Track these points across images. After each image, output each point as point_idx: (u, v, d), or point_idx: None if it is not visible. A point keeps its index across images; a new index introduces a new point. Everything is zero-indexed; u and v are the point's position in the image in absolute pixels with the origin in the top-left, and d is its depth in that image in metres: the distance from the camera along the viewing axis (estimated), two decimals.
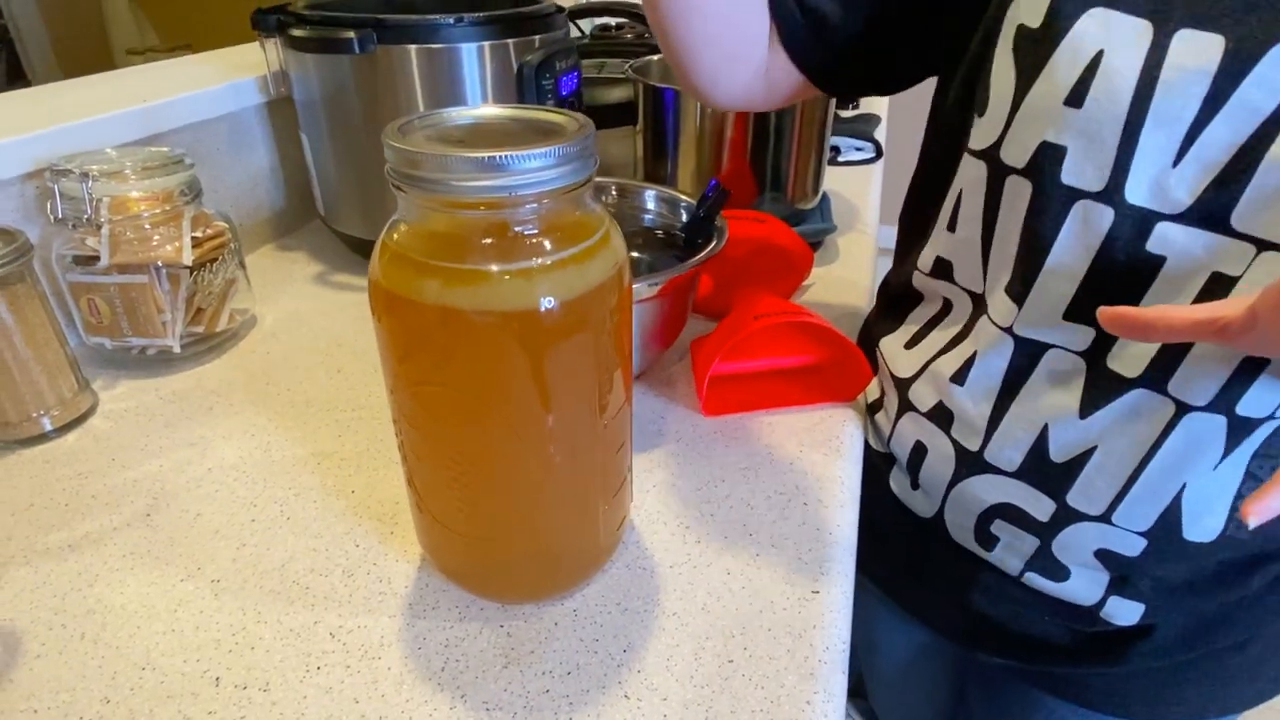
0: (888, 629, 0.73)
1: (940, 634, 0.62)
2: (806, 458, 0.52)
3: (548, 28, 0.72)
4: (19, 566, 0.42)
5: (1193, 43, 0.35)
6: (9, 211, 0.57)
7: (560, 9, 0.76)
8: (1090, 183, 0.38)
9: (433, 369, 0.34)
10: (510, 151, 0.29)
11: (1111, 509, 0.44)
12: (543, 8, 0.72)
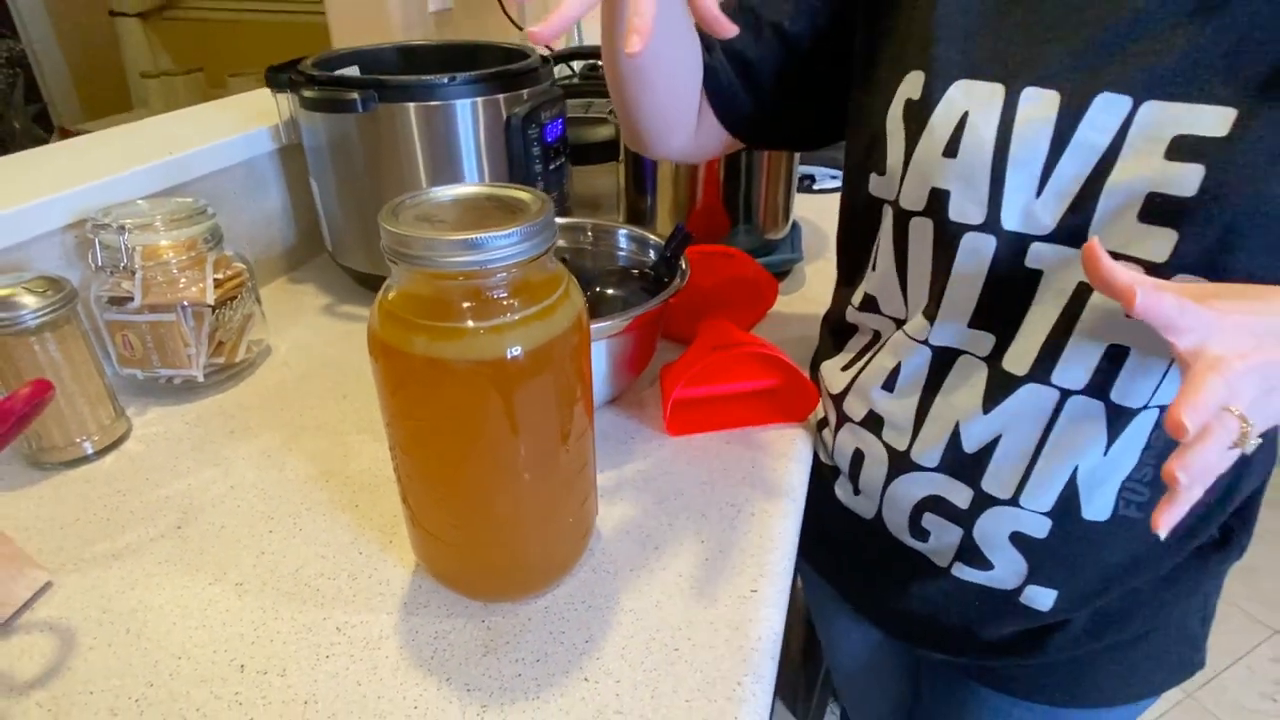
0: (846, 629, 0.78)
1: (888, 633, 0.67)
2: (757, 473, 0.58)
3: (534, 81, 0.78)
4: (70, 573, 0.49)
5: (1036, 98, 0.43)
6: (53, 258, 0.64)
7: (546, 60, 0.83)
8: (973, 217, 0.45)
9: (420, 406, 0.40)
10: (482, 234, 0.35)
11: (1018, 492, 0.50)
12: (530, 63, 0.78)
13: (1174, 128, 0.40)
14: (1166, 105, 0.40)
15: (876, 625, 0.68)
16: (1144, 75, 0.41)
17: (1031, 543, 0.51)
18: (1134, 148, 0.41)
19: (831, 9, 0.56)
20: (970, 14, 0.47)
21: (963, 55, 0.46)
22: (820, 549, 0.69)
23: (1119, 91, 0.41)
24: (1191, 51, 0.40)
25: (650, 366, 0.68)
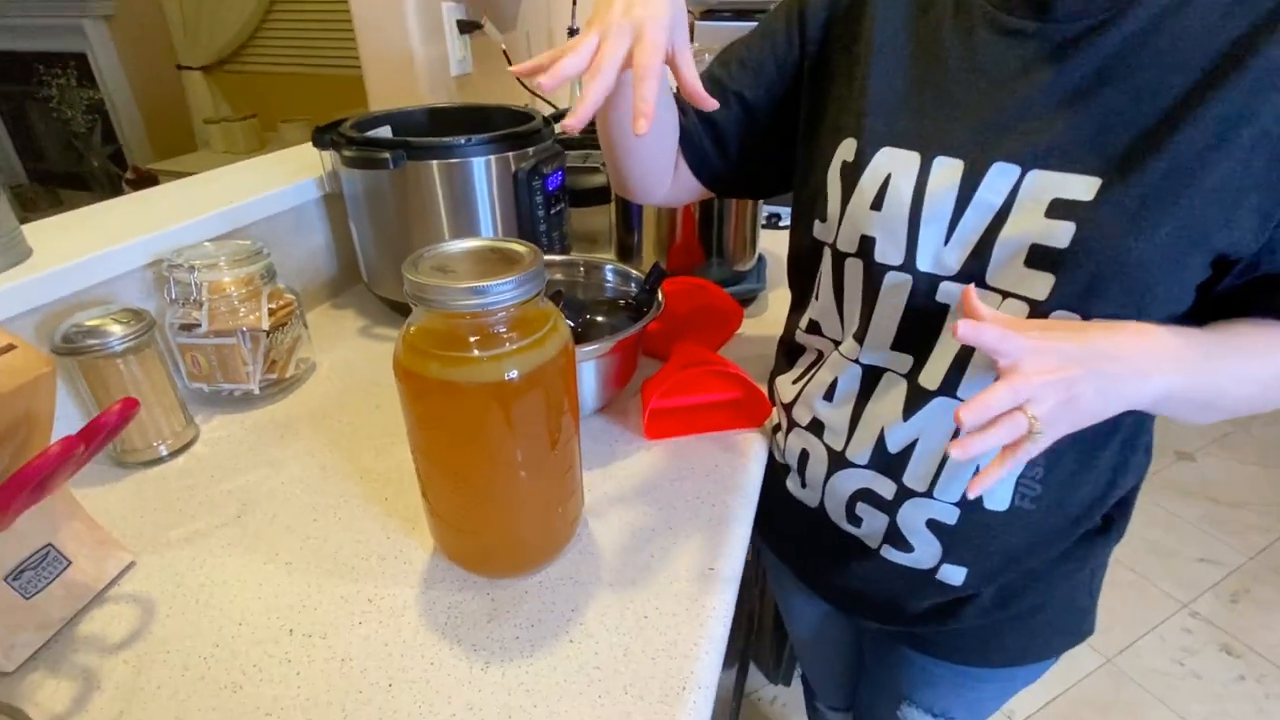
0: (799, 602, 0.81)
1: (833, 605, 0.70)
2: (720, 470, 0.61)
3: (538, 140, 0.82)
4: (150, 555, 0.52)
5: (944, 165, 0.47)
6: (135, 292, 0.67)
7: (548, 121, 0.87)
8: (894, 259, 0.49)
9: (436, 419, 0.44)
10: (485, 282, 0.39)
11: (932, 486, 0.53)
12: (534, 125, 0.82)
13: (1052, 192, 0.43)
14: (1047, 174, 0.44)
15: (824, 599, 0.71)
16: (1030, 149, 0.44)
17: (944, 528, 0.54)
18: (1021, 207, 0.44)
19: (784, 83, 0.59)
20: (894, 94, 0.50)
21: (888, 127, 0.50)
22: (776, 534, 0.72)
23: (1010, 162, 0.45)
24: (1066, 131, 0.44)
25: (633, 381, 0.71)
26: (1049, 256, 0.43)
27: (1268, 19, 0.40)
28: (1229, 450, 2.11)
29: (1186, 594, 1.63)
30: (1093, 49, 0.43)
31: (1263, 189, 0.41)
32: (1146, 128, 0.42)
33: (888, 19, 0.52)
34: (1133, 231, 0.41)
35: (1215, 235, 0.42)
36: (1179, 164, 0.41)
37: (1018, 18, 0.46)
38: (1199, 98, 0.40)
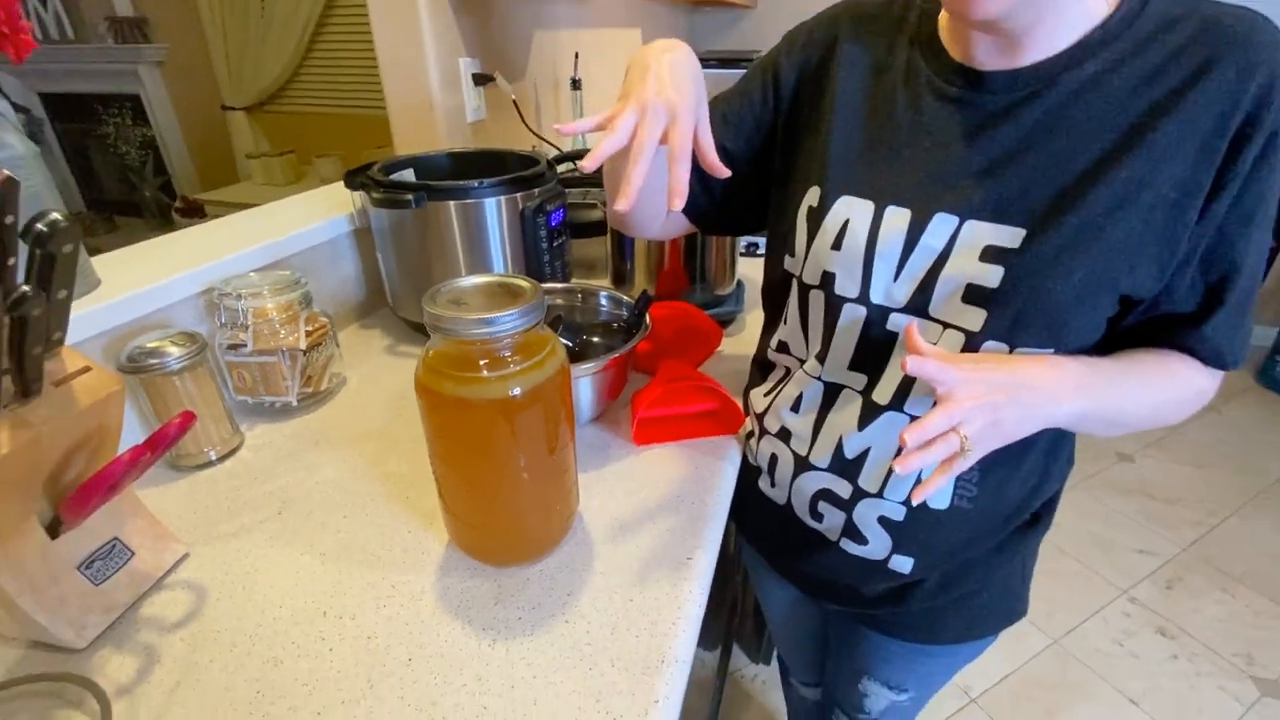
0: (772, 586, 0.83)
1: (801, 590, 0.72)
2: (699, 472, 0.63)
3: (542, 181, 0.85)
4: (202, 547, 0.54)
5: (894, 214, 0.49)
6: (189, 316, 0.70)
7: (552, 164, 0.90)
8: (851, 292, 0.51)
9: (450, 430, 0.46)
10: (493, 314, 0.42)
11: (883, 487, 0.55)
12: (539, 169, 0.85)
13: (985, 240, 0.46)
14: (981, 224, 0.46)
15: (794, 585, 0.73)
16: (967, 202, 0.47)
17: (893, 524, 0.56)
18: (959, 252, 0.47)
19: (761, 136, 0.61)
20: (852, 149, 0.53)
21: (846, 178, 0.53)
22: (751, 527, 0.74)
23: (950, 212, 0.47)
24: (997, 188, 0.46)
25: (624, 394, 0.73)
26: (982, 294, 0.46)
27: (1164, 101, 0.42)
28: (1165, 452, 2.13)
29: (1126, 581, 1.65)
30: (1019, 118, 0.46)
31: (1160, 243, 0.44)
32: (1064, 187, 0.44)
33: (848, 82, 0.54)
34: (1052, 276, 0.44)
35: (1121, 280, 0.44)
36: (1090, 220, 0.43)
37: (957, 88, 0.49)
38: (1107, 164, 0.43)
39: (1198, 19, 0.43)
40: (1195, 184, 0.43)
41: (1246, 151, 0.42)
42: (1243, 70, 0.41)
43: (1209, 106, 0.42)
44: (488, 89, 1.19)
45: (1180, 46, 0.43)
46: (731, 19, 2.85)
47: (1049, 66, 0.45)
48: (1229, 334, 0.47)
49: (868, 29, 0.55)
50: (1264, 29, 0.42)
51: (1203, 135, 0.42)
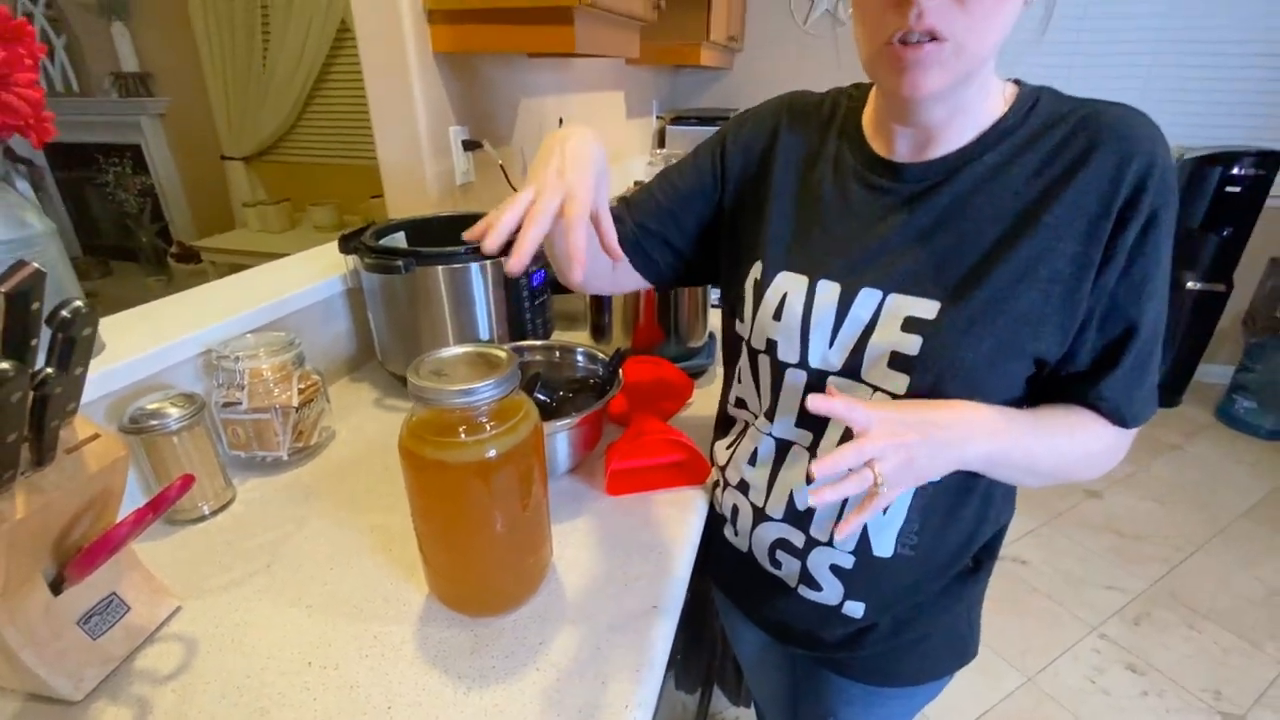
0: (743, 631, 0.85)
1: (769, 634, 0.75)
2: (667, 522, 0.66)
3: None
4: (194, 600, 0.56)
5: (826, 288, 0.54)
6: (188, 376, 0.73)
7: None
8: (792, 358, 0.56)
9: (430, 489, 0.49)
10: (470, 385, 0.46)
11: (832, 537, 0.58)
12: None
13: (905, 311, 0.51)
14: (902, 297, 0.51)
15: (761, 629, 0.75)
16: (889, 278, 0.52)
17: (843, 571, 0.60)
18: (884, 322, 0.52)
19: (709, 207, 0.65)
20: (788, 230, 0.59)
21: (784, 256, 0.58)
22: (720, 573, 0.77)
23: (875, 287, 0.53)
24: (914, 265, 0.52)
25: (599, 445, 0.77)
26: (904, 360, 0.51)
27: (1053, 187, 0.49)
28: (1132, 489, 2.18)
29: (1096, 618, 1.67)
30: (932, 203, 0.52)
31: (1060, 312, 0.49)
32: (972, 265, 0.50)
33: (785, 170, 0.60)
34: (964, 344, 0.49)
35: (1028, 346, 0.50)
36: (996, 294, 0.49)
37: (878, 177, 0.55)
38: (1007, 244, 0.49)
39: (1080, 115, 0.49)
40: (1087, 259, 0.48)
41: (1129, 229, 0.47)
42: (1120, 159, 0.47)
43: (1092, 191, 0.47)
44: (476, 153, 1.26)
45: (1065, 139, 0.49)
46: (709, 79, 2.99)
47: (955, 159, 0.52)
48: (1128, 394, 0.52)
49: (803, 123, 0.61)
50: (1138, 123, 0.48)
51: (1089, 216, 0.48)
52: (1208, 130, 2.55)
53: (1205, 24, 2.43)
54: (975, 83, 0.49)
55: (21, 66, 0.57)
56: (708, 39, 2.06)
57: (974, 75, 0.48)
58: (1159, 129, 0.49)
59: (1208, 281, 2.50)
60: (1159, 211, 0.47)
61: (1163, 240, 0.48)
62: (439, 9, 1.06)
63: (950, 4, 0.43)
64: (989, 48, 0.46)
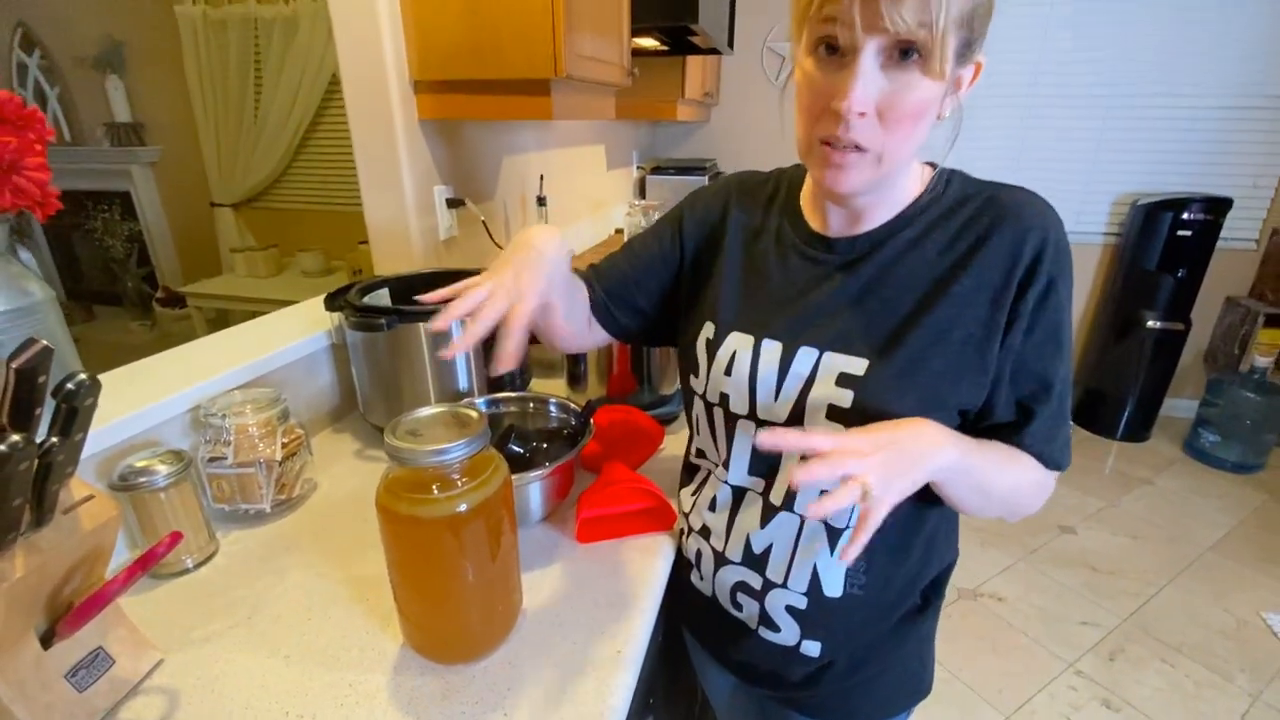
0: (713, 674, 0.87)
1: (737, 676, 0.78)
2: (634, 569, 0.70)
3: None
4: (176, 652, 0.58)
5: (770, 347, 0.59)
6: (176, 433, 0.76)
7: None
8: (742, 410, 0.61)
9: (404, 542, 0.53)
10: (443, 445, 0.50)
11: (786, 578, 0.62)
12: None
13: (839, 368, 0.56)
14: (836, 355, 0.57)
15: (730, 671, 0.78)
16: (824, 338, 0.58)
17: (799, 612, 0.63)
18: (820, 378, 0.57)
19: (670, 274, 0.71)
20: (736, 295, 0.64)
21: (733, 318, 0.64)
22: (689, 616, 0.80)
23: (812, 346, 0.58)
24: (846, 327, 0.57)
25: (572, 493, 0.81)
26: (839, 412, 0.56)
27: (960, 260, 0.55)
28: (1104, 524, 2.23)
29: (1071, 654, 1.70)
30: (860, 273, 0.58)
31: (975, 370, 0.55)
32: (894, 327, 0.55)
33: (734, 242, 0.67)
34: (890, 398, 0.54)
35: (948, 399, 0.55)
36: (914, 354, 0.54)
37: (813, 249, 0.61)
38: (923, 309, 0.55)
39: (983, 197, 0.56)
40: (994, 323, 0.54)
41: (1029, 296, 0.53)
42: (1017, 237, 0.53)
43: (994, 265, 0.54)
44: (460, 209, 1.32)
45: (971, 218, 0.56)
46: (688, 130, 3.13)
47: (878, 234, 0.58)
48: (1046, 441, 0.58)
49: (750, 200, 0.68)
50: (1032, 205, 0.55)
51: (993, 286, 0.54)
52: (1158, 178, 2.70)
53: (1151, 82, 2.60)
54: (892, 176, 0.56)
55: (32, 151, 0.62)
56: (683, 96, 2.17)
57: (892, 176, 0.54)
58: (1052, 209, 0.55)
59: (1167, 320, 2.61)
60: (1055, 280, 0.53)
61: (1062, 304, 0.54)
62: (424, 80, 1.14)
63: (874, 124, 0.50)
64: (905, 157, 0.53)
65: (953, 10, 0.45)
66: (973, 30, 0.49)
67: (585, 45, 1.13)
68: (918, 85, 0.48)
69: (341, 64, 1.11)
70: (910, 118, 0.49)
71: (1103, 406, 2.80)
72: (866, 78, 0.48)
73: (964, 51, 0.49)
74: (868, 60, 0.47)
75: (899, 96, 0.48)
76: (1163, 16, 2.52)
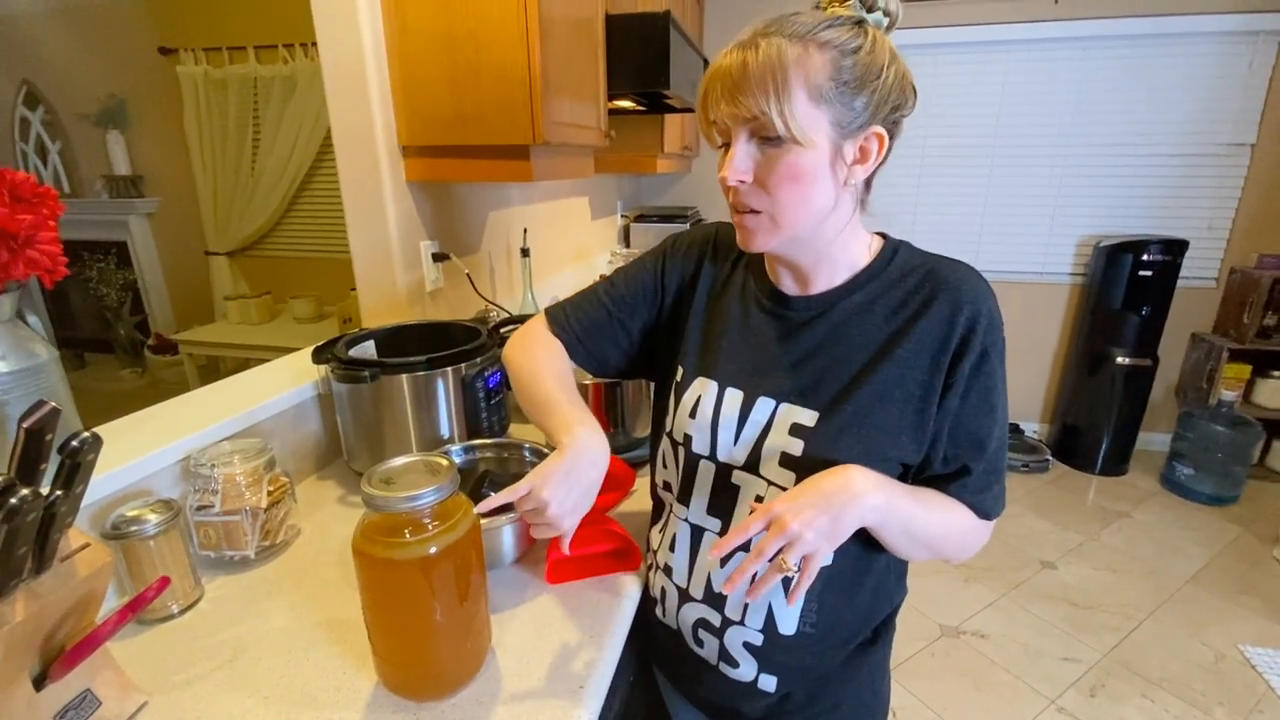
0: (682, 710, 0.89)
1: (701, 711, 0.80)
2: (600, 607, 0.73)
3: (482, 351, 1.00)
4: (160, 695, 0.61)
5: (731, 394, 0.65)
6: (167, 483, 0.80)
7: (494, 331, 1.06)
8: (704, 451, 0.66)
9: (379, 584, 0.57)
10: (414, 492, 0.55)
11: (743, 617, 0.66)
12: (480, 341, 1.01)
13: (792, 419, 0.62)
14: (790, 406, 0.62)
15: (696, 707, 0.81)
16: (780, 389, 0.63)
17: (755, 648, 0.67)
18: (776, 427, 0.62)
19: (650, 314, 0.76)
20: (703, 344, 0.70)
21: (698, 365, 0.69)
22: (656, 652, 0.83)
23: (769, 396, 0.64)
24: (800, 380, 0.63)
25: None
26: (791, 460, 0.61)
27: (903, 326, 0.60)
28: (1084, 558, 2.26)
29: (1053, 690, 1.71)
30: (814, 329, 0.64)
31: (914, 428, 0.60)
32: (843, 384, 0.61)
33: (703, 294, 0.73)
34: (837, 449, 0.59)
35: (890, 452, 0.60)
36: (860, 409, 0.60)
37: (773, 304, 0.67)
38: (869, 369, 0.60)
39: (925, 269, 0.62)
40: (932, 386, 0.59)
41: (965, 363, 0.59)
42: (953, 309, 0.59)
43: (933, 331, 0.59)
44: (445, 263, 1.39)
45: (914, 288, 0.62)
46: (670, 180, 3.26)
47: (831, 295, 0.64)
48: (981, 493, 0.63)
49: (723, 256, 0.74)
50: (968, 278, 0.61)
51: (932, 352, 0.59)
52: (1120, 221, 2.83)
53: (1108, 132, 2.76)
54: (831, 240, 0.62)
55: (45, 227, 0.68)
56: (663, 151, 2.29)
57: (802, 237, 0.60)
58: (986, 283, 0.61)
59: (1135, 356, 2.69)
60: (988, 349, 0.59)
61: (994, 370, 0.60)
62: (412, 145, 1.22)
63: (757, 190, 0.58)
64: (802, 218, 0.58)
65: (794, 93, 0.53)
66: (848, 105, 0.55)
67: (563, 112, 1.22)
68: (787, 152, 0.55)
69: (334, 129, 1.20)
70: (787, 180, 0.56)
71: (1080, 441, 2.86)
72: (740, 153, 0.57)
73: (843, 125, 0.55)
74: (741, 141, 0.57)
75: (771, 164, 0.56)
76: (1117, 69, 2.69)
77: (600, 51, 1.43)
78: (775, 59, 0.53)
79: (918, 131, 2.91)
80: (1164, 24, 2.59)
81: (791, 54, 0.53)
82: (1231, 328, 2.72)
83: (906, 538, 0.61)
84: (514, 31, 1.07)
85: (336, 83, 1.15)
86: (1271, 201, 2.67)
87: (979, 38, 2.76)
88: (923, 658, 1.82)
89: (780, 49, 0.53)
